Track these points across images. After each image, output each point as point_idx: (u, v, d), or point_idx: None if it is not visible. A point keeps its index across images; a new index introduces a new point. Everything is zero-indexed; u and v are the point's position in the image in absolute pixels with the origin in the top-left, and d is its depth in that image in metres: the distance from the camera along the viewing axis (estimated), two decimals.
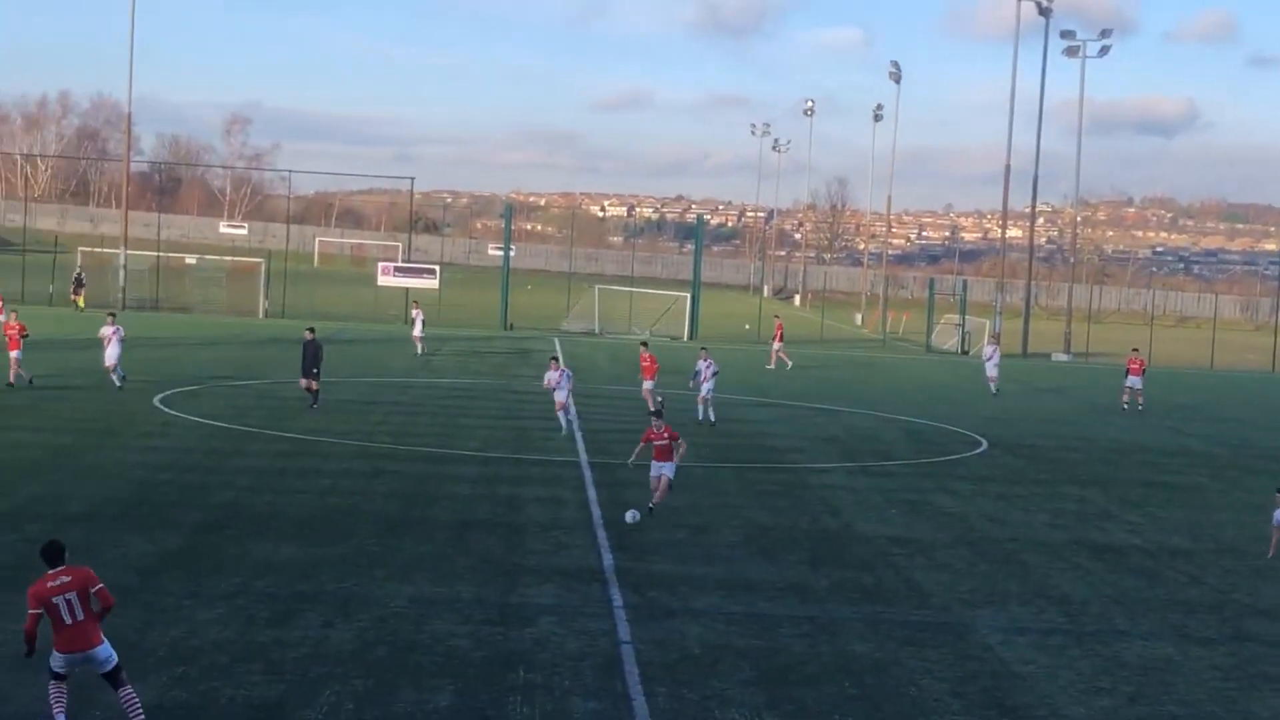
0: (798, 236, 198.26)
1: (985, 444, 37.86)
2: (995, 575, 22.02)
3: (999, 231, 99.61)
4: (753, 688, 15.69)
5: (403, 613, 17.92)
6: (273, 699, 14.46)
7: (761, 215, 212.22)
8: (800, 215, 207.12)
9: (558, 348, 57.55)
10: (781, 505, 27.11)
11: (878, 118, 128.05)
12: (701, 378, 38.37)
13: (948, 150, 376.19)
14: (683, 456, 25.33)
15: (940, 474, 32.19)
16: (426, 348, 55.77)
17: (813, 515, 26.28)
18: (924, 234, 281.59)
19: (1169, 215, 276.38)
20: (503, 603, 18.73)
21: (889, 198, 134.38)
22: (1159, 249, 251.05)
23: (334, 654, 16.05)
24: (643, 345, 43.34)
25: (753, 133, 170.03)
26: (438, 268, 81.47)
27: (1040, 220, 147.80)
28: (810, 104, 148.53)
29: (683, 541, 23.13)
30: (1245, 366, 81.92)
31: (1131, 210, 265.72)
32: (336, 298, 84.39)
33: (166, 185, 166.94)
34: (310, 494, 25.41)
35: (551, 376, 34.59)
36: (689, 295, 79.41)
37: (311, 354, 36.55)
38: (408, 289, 75.34)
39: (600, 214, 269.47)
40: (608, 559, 21.49)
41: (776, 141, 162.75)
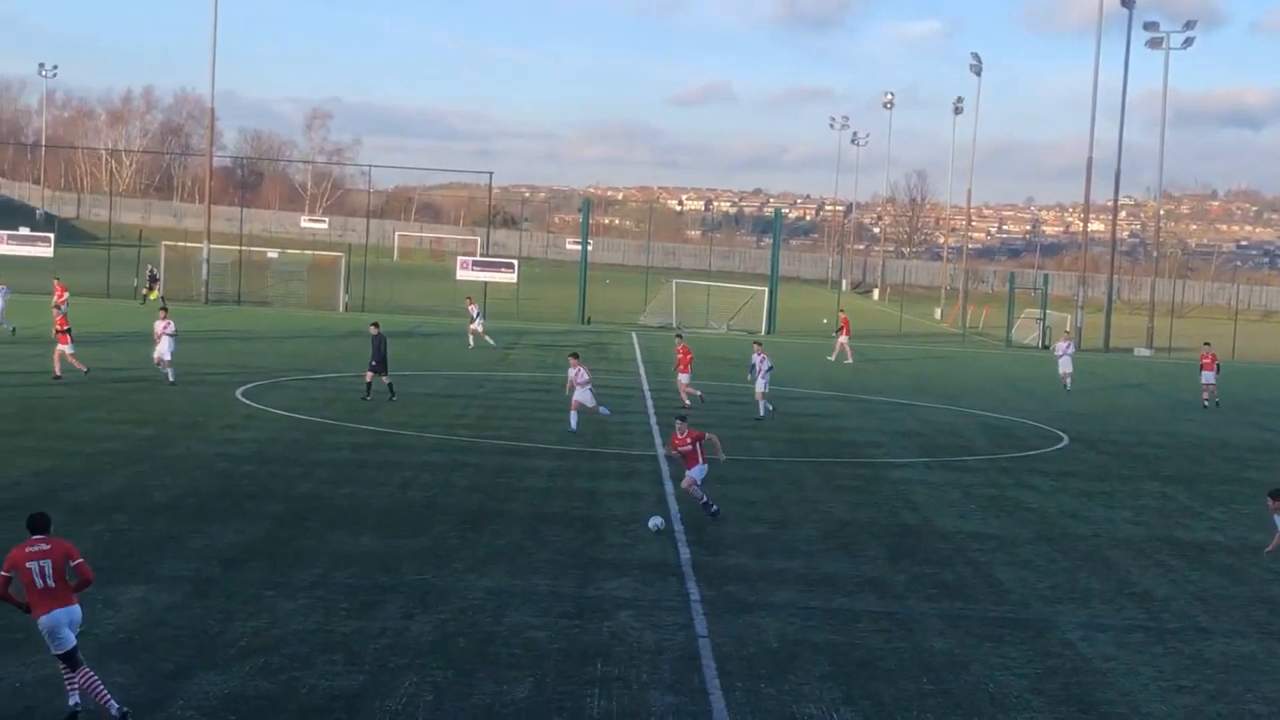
0: (876, 230, 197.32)
1: (1066, 439, 37.53)
2: (1076, 572, 21.83)
3: (1080, 225, 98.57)
4: (830, 683, 15.65)
5: (481, 604, 18.03)
6: (353, 689, 14.59)
7: (840, 209, 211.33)
8: (879, 209, 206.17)
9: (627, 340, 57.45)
10: (859, 500, 27.02)
11: (958, 110, 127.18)
12: (757, 371, 38.21)
13: (1029, 143, 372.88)
14: (718, 448, 24.57)
15: (1020, 469, 31.94)
16: (484, 340, 55.92)
17: (891, 510, 26.16)
18: (1004, 228, 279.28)
19: (1254, 209, 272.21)
20: (580, 596, 18.80)
21: (969, 191, 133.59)
22: (1243, 243, 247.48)
23: (413, 645, 16.17)
24: (677, 337, 43.13)
25: (831, 126, 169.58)
26: (516, 262, 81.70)
27: (1123, 214, 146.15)
28: (890, 97, 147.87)
29: (760, 536, 23.10)
30: None
31: (1215, 204, 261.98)
32: (415, 292, 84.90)
33: (249, 180, 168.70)
34: (390, 486, 25.60)
35: (572, 374, 34.07)
36: (766, 289, 79.22)
37: (376, 347, 36.98)
38: (485, 283, 75.64)
39: (678, 208, 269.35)
40: (685, 553, 21.50)
41: (855, 135, 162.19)
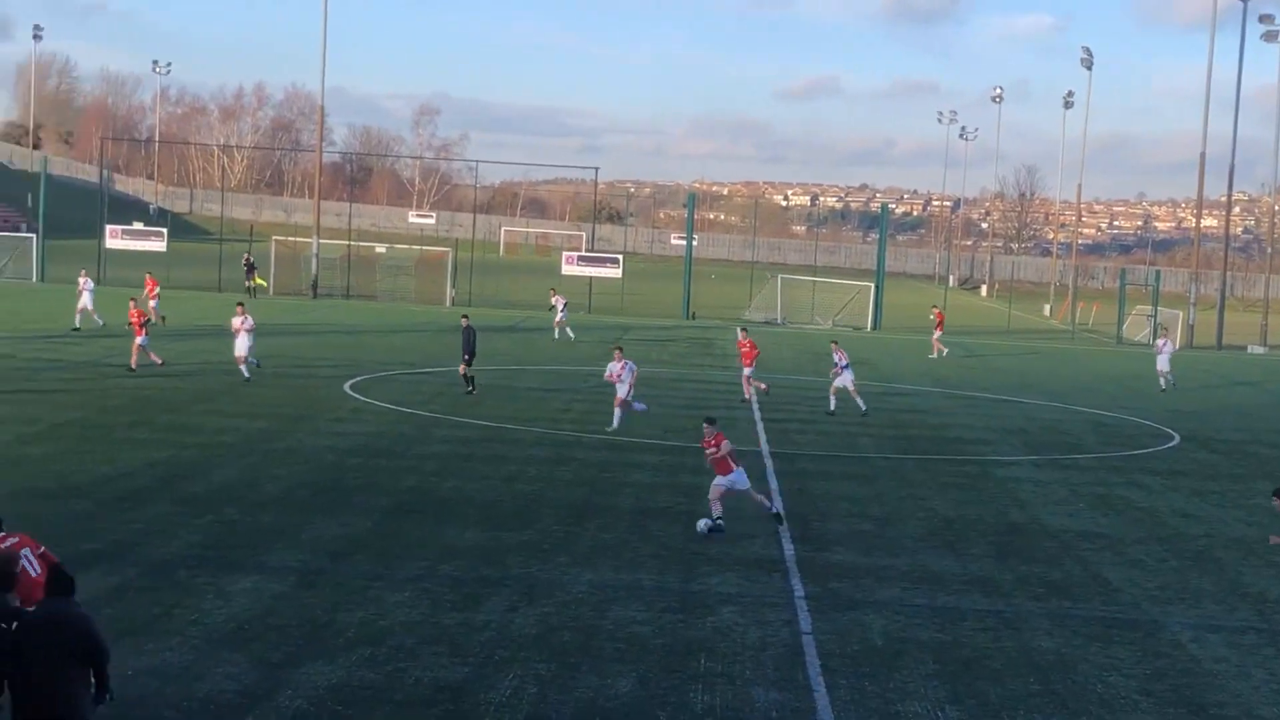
0: (985, 226, 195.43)
1: (1177, 438, 36.95)
2: (1186, 572, 21.49)
3: (1193, 221, 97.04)
4: (935, 681, 15.53)
5: (585, 598, 18.09)
6: (457, 681, 14.70)
7: (948, 204, 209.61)
8: (987, 204, 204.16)
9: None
10: (965, 497, 26.77)
11: (1068, 105, 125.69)
12: (839, 367, 37.93)
13: (1141, 137, 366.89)
14: (731, 453, 22.55)
15: (1130, 468, 31.49)
16: (565, 334, 56.03)
17: (998, 508, 25.91)
18: (1115, 223, 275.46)
19: None
20: (684, 591, 18.80)
21: (1079, 186, 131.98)
22: None
23: (517, 638, 16.26)
24: (741, 330, 42.80)
25: (939, 120, 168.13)
26: (621, 257, 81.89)
27: (1236, 209, 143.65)
28: (999, 91, 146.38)
29: (866, 533, 22.97)
30: None
31: None
32: (521, 287, 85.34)
33: (357, 175, 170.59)
34: (495, 480, 25.75)
35: (614, 368, 33.09)
36: (873, 285, 78.76)
37: (466, 339, 37.34)
38: (590, 278, 75.88)
39: (784, 203, 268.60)
40: (789, 549, 21.43)
41: (964, 129, 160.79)
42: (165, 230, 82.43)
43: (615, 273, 77.97)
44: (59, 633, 10.42)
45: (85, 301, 49.44)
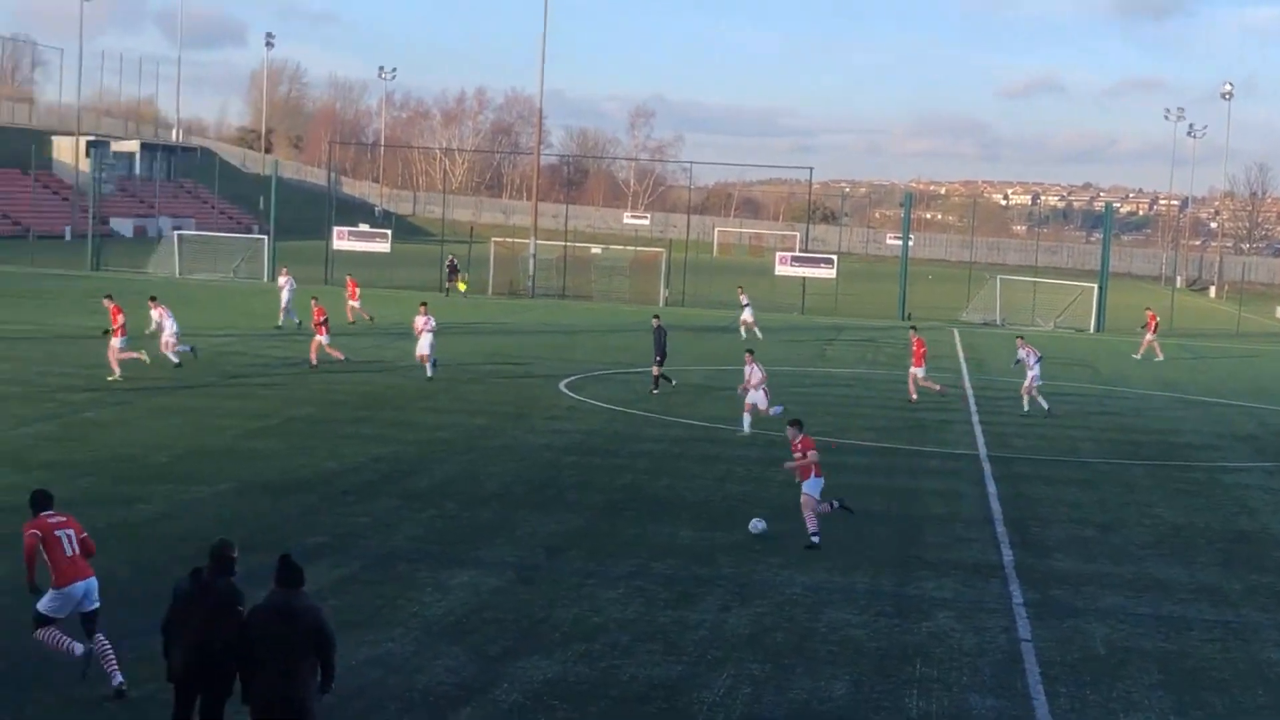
0: (1213, 225, 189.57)
1: None
2: None
3: None
4: (1160, 691, 15.11)
5: (799, 600, 18.01)
6: (671, 679, 14.75)
7: (1174, 203, 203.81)
8: (1216, 203, 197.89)
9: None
10: (1193, 504, 25.98)
11: None
12: (1027, 365, 36.94)
13: None
14: (800, 466, 21.80)
15: None
16: (754, 332, 55.67)
17: (1227, 516, 25.09)
18: None
19: None
20: (899, 594, 18.60)
21: None
22: None
23: (731, 638, 16.26)
24: (912, 329, 41.89)
25: (1166, 118, 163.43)
26: (835, 257, 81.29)
27: None
28: (1229, 87, 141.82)
29: (1089, 539, 22.45)
30: None
31: None
32: (734, 287, 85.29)
33: (574, 177, 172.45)
34: (707, 479, 25.79)
35: (747, 372, 32.15)
36: (1096, 286, 76.91)
37: (658, 339, 37.45)
38: (803, 279, 75.56)
39: (1003, 202, 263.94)
40: (1008, 555, 21.05)
41: (1191, 126, 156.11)
42: (389, 232, 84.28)
43: (829, 273, 77.41)
44: (289, 623, 10.71)
45: (286, 300, 50.70)
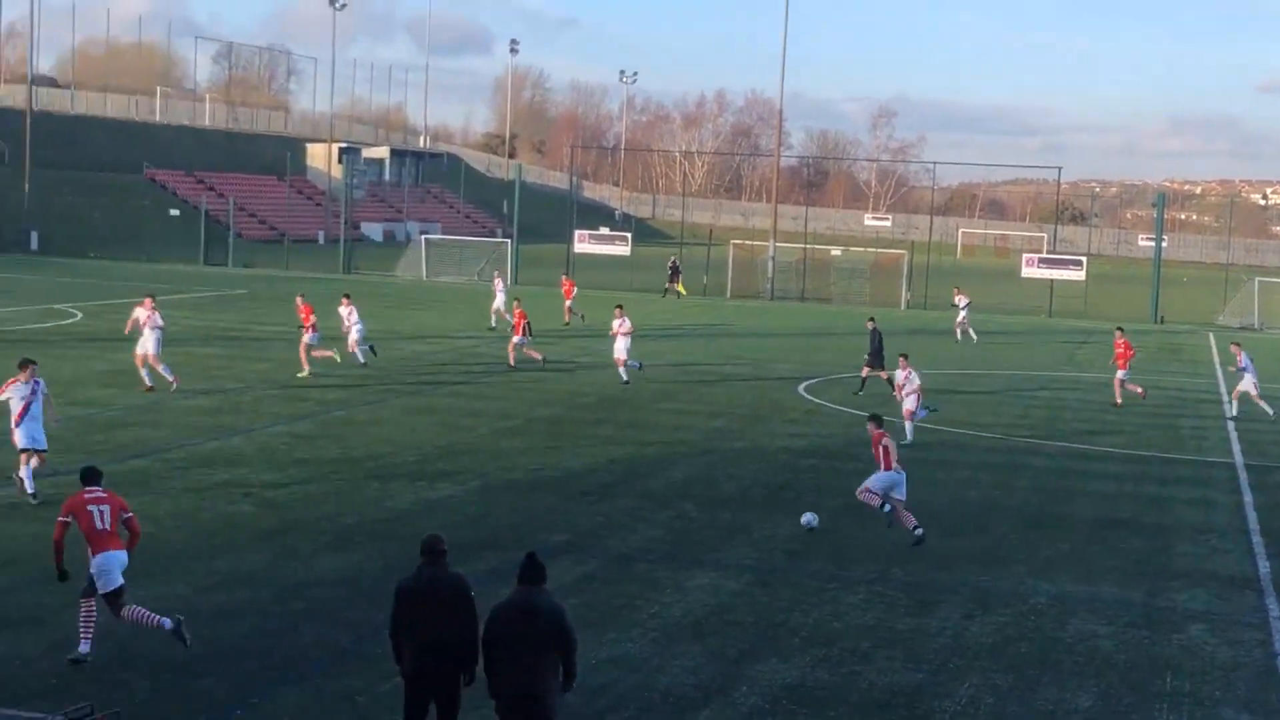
0: None
1: None
2: None
3: None
4: None
5: (1043, 609, 17.64)
6: (911, 687, 14.59)
7: None
8: None
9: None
10: None
11: None
12: (1243, 370, 35.26)
13: None
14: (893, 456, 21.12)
15: None
16: (968, 335, 54.47)
17: None
18: None
19: None
20: (1148, 605, 18.08)
21: None
22: None
23: (973, 646, 16.01)
24: (1118, 330, 40.23)
25: None
26: (1084, 259, 79.40)
27: None
28: None
29: None
30: None
31: None
32: (977, 290, 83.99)
33: (814, 179, 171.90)
34: (948, 485, 25.44)
35: (900, 377, 30.40)
36: None
37: (873, 341, 36.94)
38: (1050, 281, 73.99)
39: (1261, 202, 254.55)
40: (1264, 566, 20.29)
41: None
42: (629, 235, 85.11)
43: (1078, 275, 75.60)
44: (532, 620, 10.87)
45: (498, 303, 51.38)
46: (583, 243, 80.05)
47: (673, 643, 15.65)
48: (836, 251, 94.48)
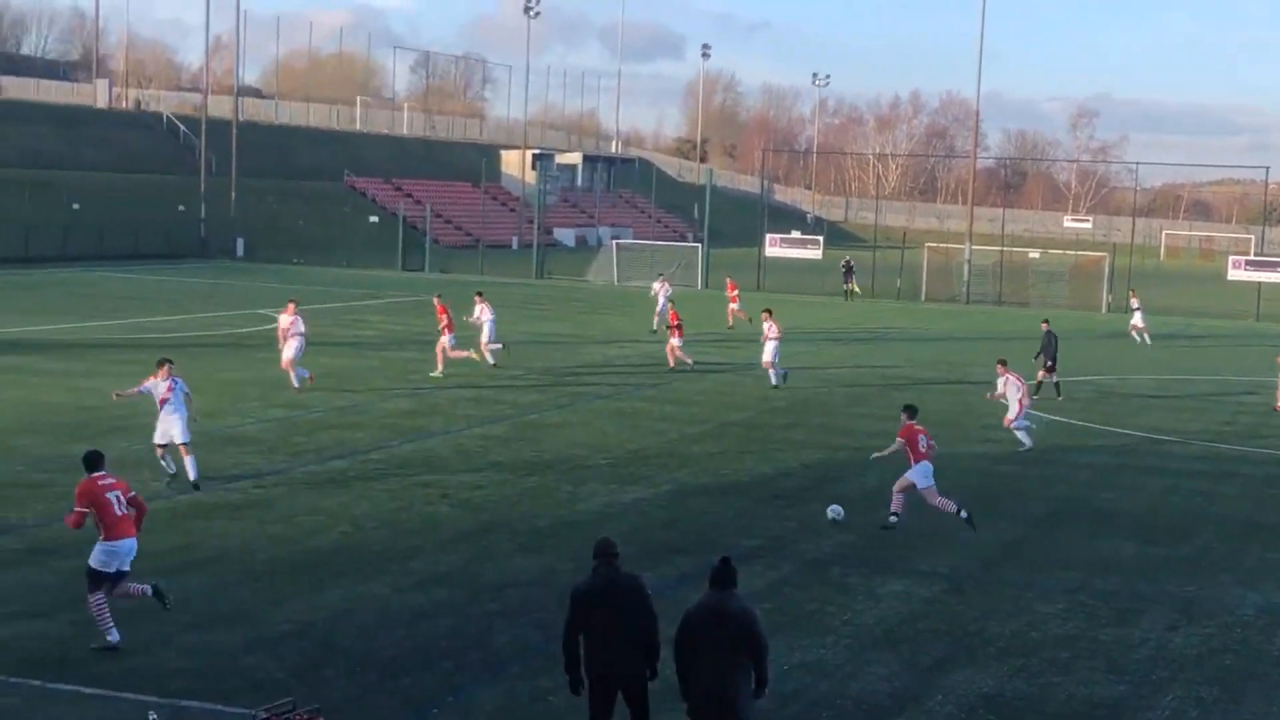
0: None
1: None
2: None
3: None
4: None
5: (1251, 621, 17.10)
6: (1112, 698, 14.25)
7: None
8: None
9: None
10: None
11: None
12: None
13: None
14: (890, 454, 22.37)
15: None
16: (1144, 338, 52.78)
17: None
18: None
19: None
20: None
21: None
22: None
23: (1177, 658, 15.59)
24: None
25: None
26: None
27: None
28: None
29: None
30: None
31: None
32: (1181, 294, 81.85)
33: (1011, 180, 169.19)
34: (1151, 492, 24.81)
35: (1000, 383, 29.43)
36: None
37: (1047, 344, 36.04)
38: (1259, 284, 71.78)
39: None
40: None
41: None
42: (821, 238, 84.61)
43: None
44: (723, 623, 10.84)
45: (661, 305, 51.43)
46: (774, 246, 79.82)
47: (865, 650, 15.50)
48: (1035, 254, 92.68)
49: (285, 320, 33.53)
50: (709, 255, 77.99)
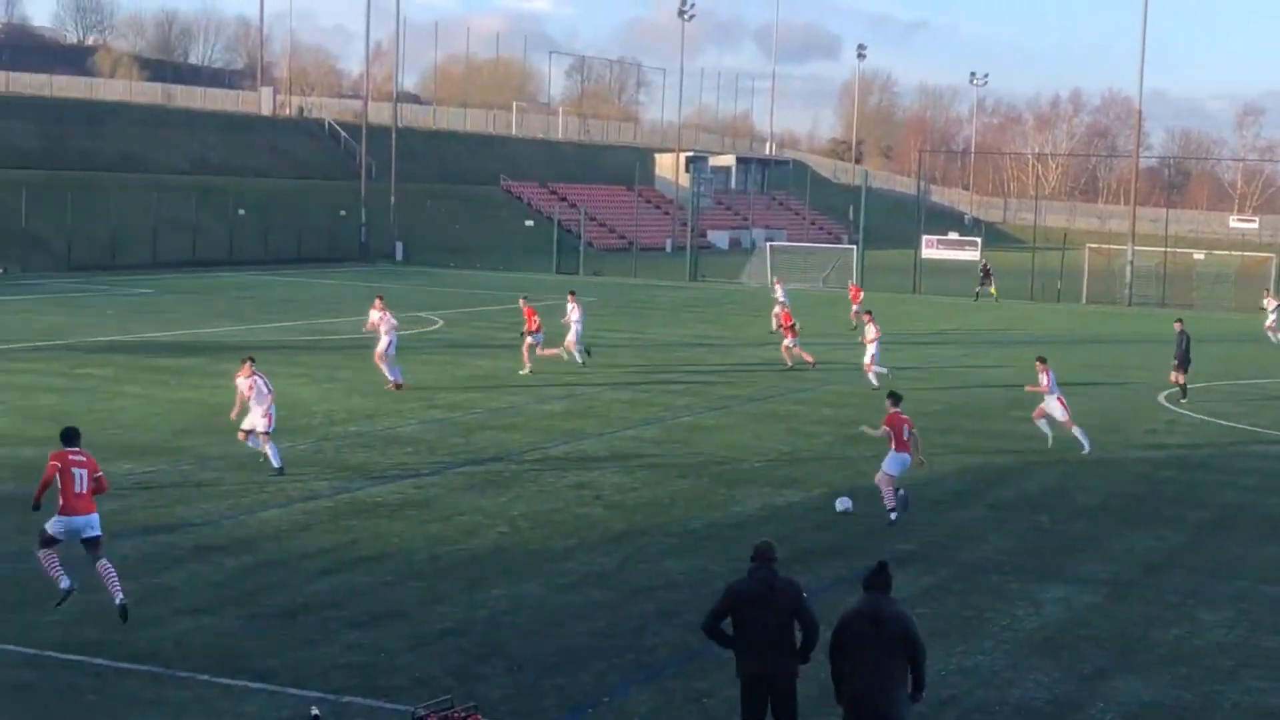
0: None
1: None
2: None
3: None
4: None
5: None
6: (1278, 708, 13.90)
7: None
8: None
9: None
10: None
11: None
12: None
13: None
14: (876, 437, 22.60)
15: None
16: (1275, 339, 51.02)
17: None
18: None
19: None
20: None
21: None
22: None
23: None
24: None
25: None
26: None
27: None
28: None
29: None
30: None
31: None
32: None
33: (1175, 180, 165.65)
34: None
35: (1045, 381, 28.58)
36: None
37: (1180, 344, 35.08)
38: None
39: None
40: None
41: None
42: (979, 240, 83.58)
43: None
44: (879, 627, 10.79)
45: (778, 308, 51.12)
46: (930, 248, 79.10)
47: (1025, 656, 15.30)
48: (1199, 255, 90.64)
49: (375, 315, 34.11)
50: (864, 257, 77.50)
